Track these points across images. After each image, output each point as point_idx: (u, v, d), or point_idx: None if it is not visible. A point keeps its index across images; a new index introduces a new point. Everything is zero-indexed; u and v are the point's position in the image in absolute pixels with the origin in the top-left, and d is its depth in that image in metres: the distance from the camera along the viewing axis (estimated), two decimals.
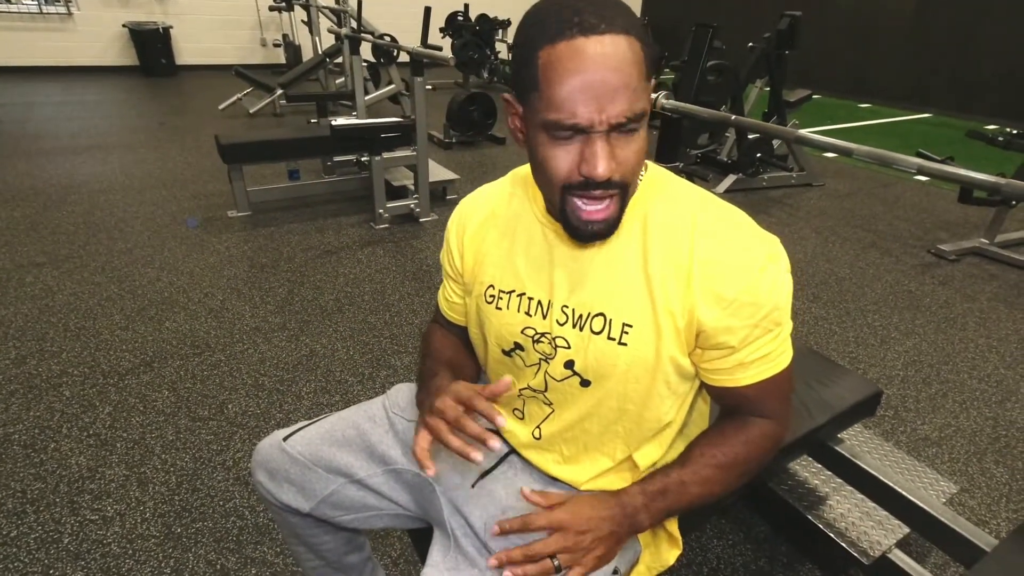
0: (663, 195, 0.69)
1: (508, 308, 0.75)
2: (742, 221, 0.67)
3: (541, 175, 0.63)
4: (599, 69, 0.54)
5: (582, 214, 0.61)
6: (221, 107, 5.47)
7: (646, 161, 0.72)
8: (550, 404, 0.76)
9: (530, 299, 0.73)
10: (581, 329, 0.69)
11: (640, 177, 0.69)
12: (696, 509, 0.71)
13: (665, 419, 0.72)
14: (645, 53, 0.57)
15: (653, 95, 1.51)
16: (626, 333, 0.67)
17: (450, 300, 0.87)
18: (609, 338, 0.67)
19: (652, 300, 0.65)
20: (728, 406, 0.73)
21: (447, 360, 0.83)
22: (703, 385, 0.73)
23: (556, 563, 0.62)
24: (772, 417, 0.71)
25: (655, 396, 0.69)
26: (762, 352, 0.66)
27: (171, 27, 7.19)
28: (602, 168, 0.57)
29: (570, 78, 0.54)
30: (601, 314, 0.68)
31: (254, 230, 3.00)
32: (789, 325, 0.67)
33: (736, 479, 0.71)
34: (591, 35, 0.54)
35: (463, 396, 0.64)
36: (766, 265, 0.63)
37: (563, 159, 0.59)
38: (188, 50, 7.52)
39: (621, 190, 0.61)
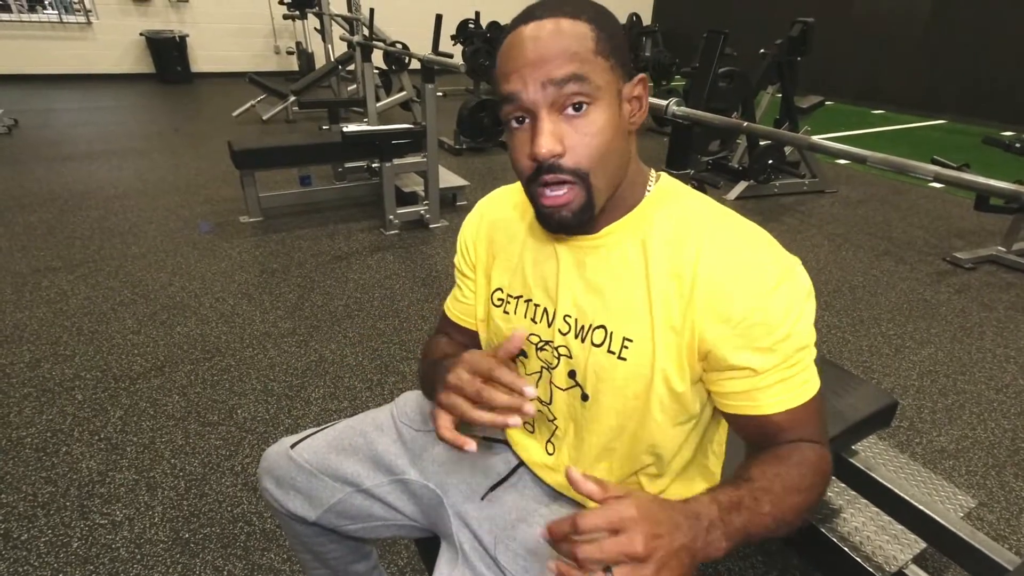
0: (672, 205, 0.66)
1: (515, 313, 0.74)
2: (757, 238, 0.62)
3: (515, 172, 0.64)
4: (533, 42, 0.56)
5: (544, 199, 0.60)
6: (235, 114, 5.54)
7: (659, 172, 0.70)
8: (553, 420, 0.75)
9: (536, 306, 0.72)
10: (583, 340, 0.67)
11: (649, 188, 0.67)
12: (761, 540, 0.58)
13: (660, 450, 0.69)
14: (601, 35, 0.57)
15: (663, 101, 1.50)
16: (626, 348, 0.64)
17: (461, 301, 0.84)
18: (609, 351, 0.65)
19: (651, 315, 0.63)
20: (754, 438, 0.65)
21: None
22: (723, 417, 0.67)
23: None
24: (816, 441, 0.63)
25: (650, 419, 0.66)
26: (781, 377, 0.60)
27: (187, 35, 7.31)
28: (543, 146, 0.56)
29: (509, 59, 0.58)
30: (602, 327, 0.66)
31: (265, 235, 3.02)
32: (813, 352, 0.62)
33: (803, 507, 0.58)
34: (532, 22, 0.57)
35: (481, 367, 0.59)
36: (779, 284, 0.59)
37: (520, 149, 0.60)
38: (203, 58, 7.63)
39: (580, 179, 0.58)
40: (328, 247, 2.92)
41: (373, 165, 3.56)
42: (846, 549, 1.18)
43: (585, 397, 0.69)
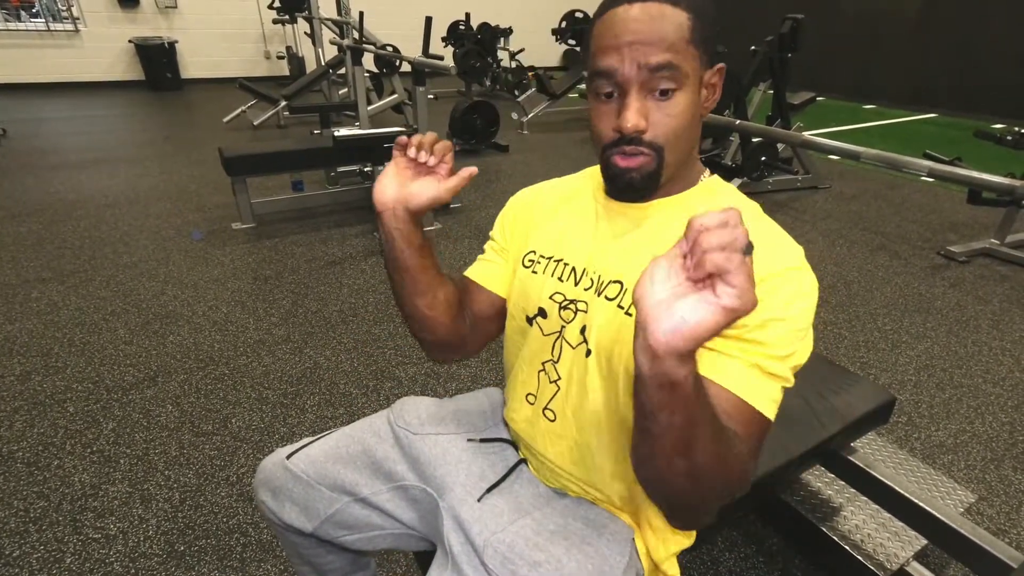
0: (714, 197, 0.71)
1: (544, 272, 0.76)
2: (788, 238, 0.67)
3: (593, 140, 0.68)
4: (632, 23, 0.60)
5: (618, 161, 0.65)
6: (225, 120, 5.51)
7: (715, 175, 0.74)
8: (557, 380, 0.74)
9: (565, 265, 0.74)
10: (599, 294, 0.70)
11: (702, 179, 0.72)
12: (684, 444, 0.48)
13: None
14: (697, 24, 0.61)
15: None
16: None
17: (484, 261, 0.85)
18: (619, 306, 0.67)
19: None
20: None
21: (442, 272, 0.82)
22: None
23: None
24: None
25: None
26: (759, 360, 0.57)
27: (176, 42, 7.27)
28: (630, 120, 0.60)
29: (608, 35, 0.61)
30: (619, 281, 0.68)
31: (258, 242, 3.00)
32: (797, 357, 0.59)
33: (717, 469, 0.51)
34: (636, 2, 0.61)
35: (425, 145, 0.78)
36: (800, 266, 0.63)
37: (604, 119, 0.65)
38: (193, 64, 7.60)
39: (656, 152, 0.63)
40: (321, 252, 2.90)
41: (365, 169, 3.54)
42: (847, 548, 1.17)
43: (588, 353, 0.70)
